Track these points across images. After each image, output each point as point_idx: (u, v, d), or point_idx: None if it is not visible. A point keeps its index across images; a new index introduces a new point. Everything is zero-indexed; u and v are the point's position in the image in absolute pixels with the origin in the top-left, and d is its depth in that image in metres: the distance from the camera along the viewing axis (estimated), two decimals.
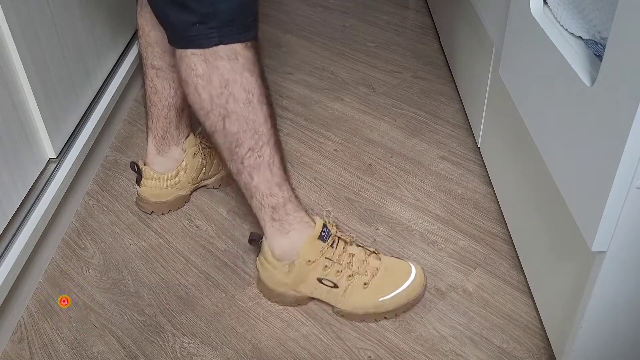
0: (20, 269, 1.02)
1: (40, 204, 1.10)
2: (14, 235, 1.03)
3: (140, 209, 1.25)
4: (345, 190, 1.29)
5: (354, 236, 1.08)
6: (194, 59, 0.88)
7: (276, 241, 1.00)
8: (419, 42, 1.85)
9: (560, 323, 0.88)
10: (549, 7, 0.91)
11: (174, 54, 1.07)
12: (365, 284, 1.00)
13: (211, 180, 1.29)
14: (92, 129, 1.30)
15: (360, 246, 1.04)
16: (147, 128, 1.19)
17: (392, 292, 1.00)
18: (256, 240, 1.04)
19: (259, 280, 1.06)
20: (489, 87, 1.23)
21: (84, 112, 1.32)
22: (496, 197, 1.23)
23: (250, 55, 0.90)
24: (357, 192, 1.29)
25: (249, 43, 0.89)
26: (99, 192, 1.32)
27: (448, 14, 1.68)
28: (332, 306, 1.03)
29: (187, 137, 1.21)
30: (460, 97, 1.56)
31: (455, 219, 1.21)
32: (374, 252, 1.04)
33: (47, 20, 1.16)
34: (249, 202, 1.01)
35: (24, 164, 1.09)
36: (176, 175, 1.21)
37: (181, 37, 0.88)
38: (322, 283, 1.00)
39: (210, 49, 0.87)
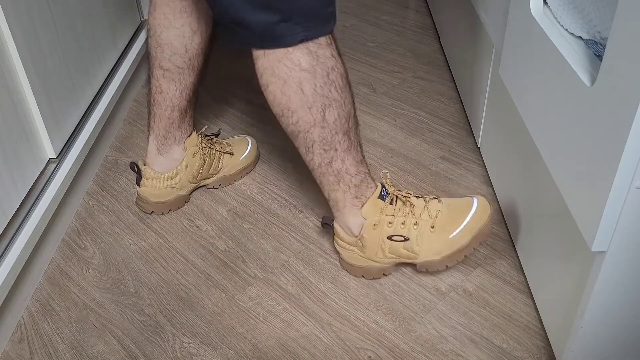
0: (20, 269, 1.02)
1: (40, 204, 1.10)
2: (14, 235, 1.03)
3: (140, 209, 1.25)
4: None
5: (412, 191, 1.10)
6: (297, 54, 0.86)
7: (355, 218, 1.01)
8: (419, 42, 1.85)
9: (560, 323, 0.88)
10: (549, 7, 0.91)
11: (191, 56, 1.08)
12: (431, 227, 1.01)
13: (211, 180, 1.29)
14: (92, 129, 1.30)
15: (419, 197, 1.05)
16: (148, 127, 1.19)
17: (459, 226, 1.01)
18: (329, 224, 1.06)
19: (342, 261, 1.09)
20: (489, 87, 1.23)
21: (84, 112, 1.32)
22: (496, 197, 1.22)
23: (335, 40, 0.91)
24: None
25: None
26: (99, 192, 1.32)
27: (448, 14, 1.68)
28: (416, 269, 1.06)
29: (189, 136, 1.21)
30: (460, 97, 1.56)
31: None
32: (435, 198, 1.05)
33: (47, 20, 1.16)
34: (330, 189, 1.00)
35: (24, 164, 1.09)
36: (176, 175, 1.21)
37: (263, 37, 0.86)
38: (393, 240, 1.01)
39: (315, 40, 0.87)
